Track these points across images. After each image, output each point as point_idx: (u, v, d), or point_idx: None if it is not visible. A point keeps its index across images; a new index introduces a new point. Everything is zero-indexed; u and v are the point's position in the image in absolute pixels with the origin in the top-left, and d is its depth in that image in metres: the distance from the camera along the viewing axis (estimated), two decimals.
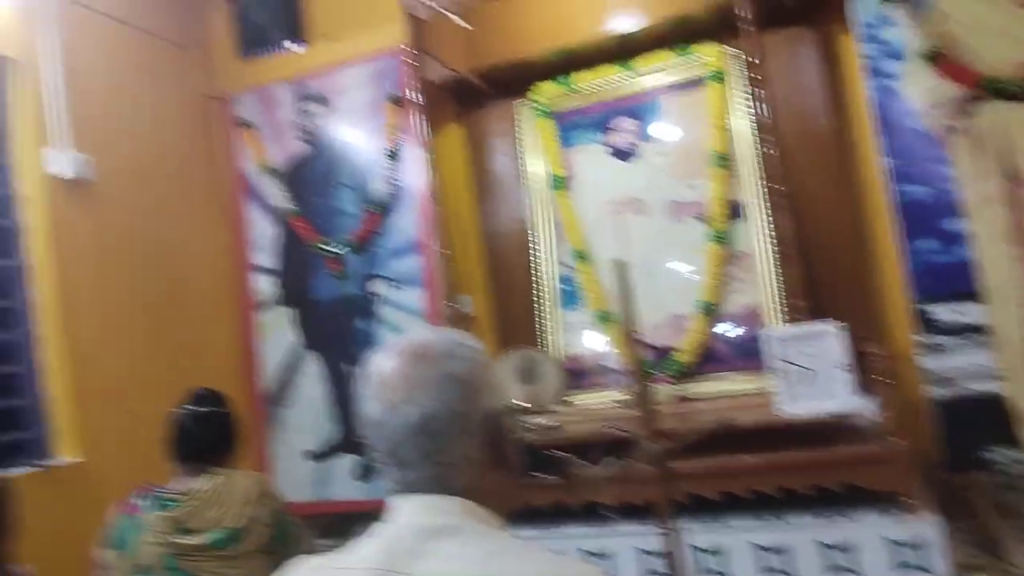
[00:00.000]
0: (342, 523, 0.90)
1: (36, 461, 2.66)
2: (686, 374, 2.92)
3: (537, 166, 3.24)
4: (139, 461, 2.71)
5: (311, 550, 2.18)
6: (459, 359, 0.93)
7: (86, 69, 2.97)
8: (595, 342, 3.10)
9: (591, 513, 2.32)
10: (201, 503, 1.98)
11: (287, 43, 3.50)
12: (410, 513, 0.90)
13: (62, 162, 2.81)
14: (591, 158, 3.18)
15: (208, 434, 2.10)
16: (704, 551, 2.28)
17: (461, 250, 2.96)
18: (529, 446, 1.22)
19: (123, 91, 3.17)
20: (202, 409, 2.12)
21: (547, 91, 3.22)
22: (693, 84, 3.04)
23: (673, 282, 3.01)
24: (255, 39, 3.56)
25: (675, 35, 2.99)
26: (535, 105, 3.23)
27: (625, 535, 2.34)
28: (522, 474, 1.09)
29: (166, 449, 2.14)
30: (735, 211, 2.93)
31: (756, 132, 2.85)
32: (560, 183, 3.18)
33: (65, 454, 2.72)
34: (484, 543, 0.87)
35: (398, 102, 3.26)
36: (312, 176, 3.47)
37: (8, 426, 2.65)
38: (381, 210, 3.30)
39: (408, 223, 3.28)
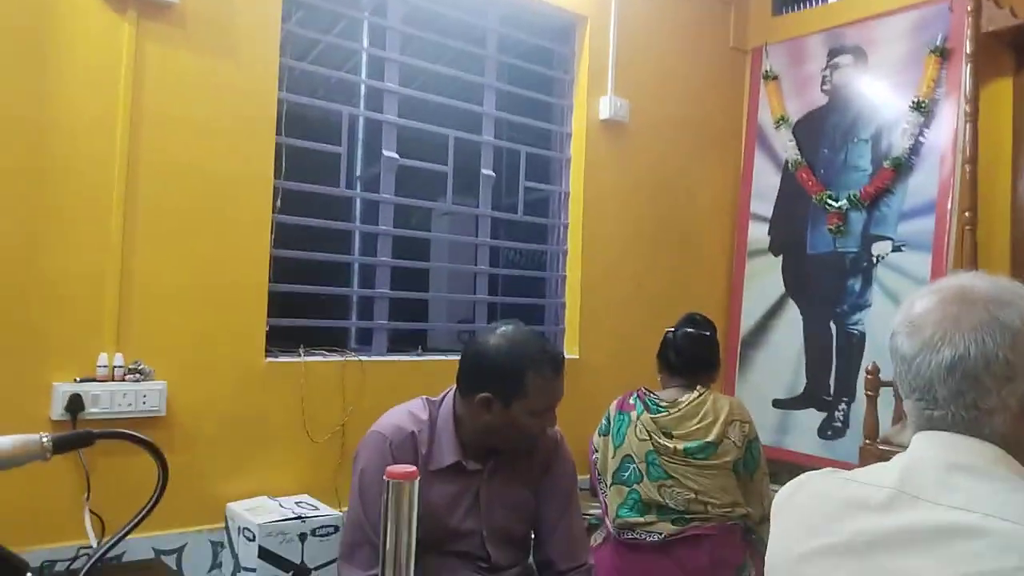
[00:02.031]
0: (793, 474, 0.93)
1: None
2: None
3: None
4: (620, 365, 3.09)
5: (767, 486, 2.24)
6: (1011, 305, 0.87)
7: (636, 24, 3.27)
8: None
9: None
10: (684, 414, 2.18)
11: None
12: (932, 447, 0.88)
13: (604, 106, 3.17)
14: None
15: (699, 354, 2.28)
16: None
17: (987, 216, 2.60)
18: None
19: (662, 43, 3.40)
20: (697, 332, 2.32)
21: None
22: None
23: None
24: None
25: None
26: None
27: None
28: None
29: (659, 362, 2.37)
30: None
31: None
32: None
33: (567, 350, 3.14)
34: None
35: (942, 53, 2.95)
36: (827, 128, 3.37)
37: (536, 320, 3.16)
38: (897, 167, 3.06)
39: (927, 183, 2.99)
